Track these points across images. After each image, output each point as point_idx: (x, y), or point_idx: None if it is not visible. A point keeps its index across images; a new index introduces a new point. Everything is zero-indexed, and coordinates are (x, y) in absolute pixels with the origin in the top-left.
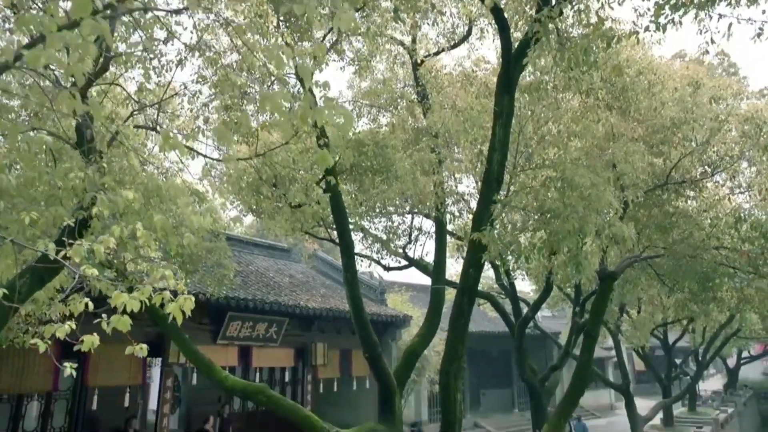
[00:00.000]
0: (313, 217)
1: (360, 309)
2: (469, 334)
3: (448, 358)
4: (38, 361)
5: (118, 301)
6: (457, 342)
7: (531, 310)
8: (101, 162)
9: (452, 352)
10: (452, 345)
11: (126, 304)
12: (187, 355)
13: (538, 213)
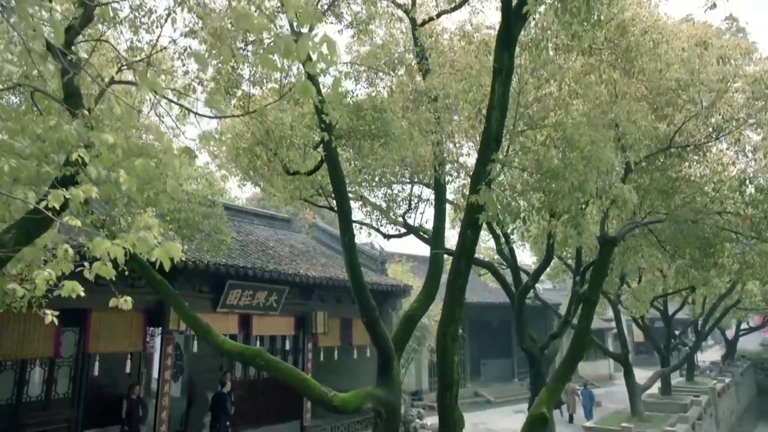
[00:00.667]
0: (311, 185)
1: (357, 274)
2: (469, 305)
3: (445, 320)
4: (40, 328)
5: (100, 248)
6: (455, 305)
7: (531, 279)
8: (89, 116)
9: (450, 314)
10: (450, 308)
11: (116, 257)
12: (184, 319)
13: (537, 173)
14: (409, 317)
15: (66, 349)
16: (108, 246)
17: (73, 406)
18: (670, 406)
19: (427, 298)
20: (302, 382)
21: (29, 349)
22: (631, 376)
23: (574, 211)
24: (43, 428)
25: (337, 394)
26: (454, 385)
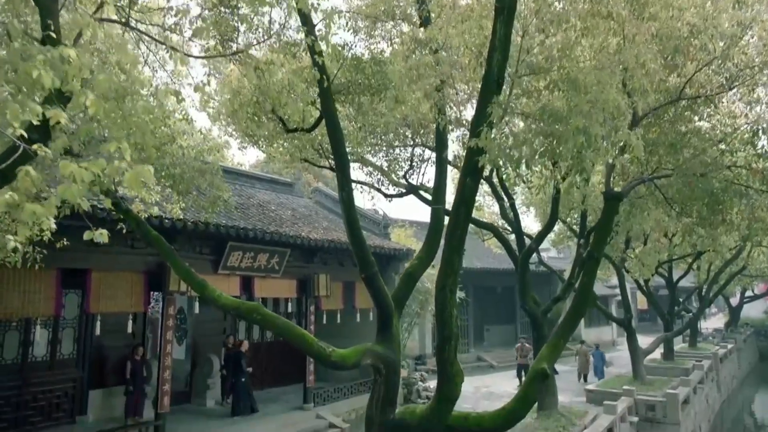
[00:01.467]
0: (311, 143)
1: (356, 228)
2: (473, 271)
3: (444, 272)
4: (41, 287)
5: (66, 170)
6: (454, 255)
7: (535, 241)
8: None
9: (449, 266)
10: (449, 259)
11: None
12: (180, 274)
13: (540, 118)
14: (409, 274)
15: (69, 310)
16: (75, 169)
17: (77, 367)
18: (672, 371)
19: (427, 256)
20: (300, 337)
21: (31, 308)
22: (634, 341)
23: (577, 156)
24: (50, 387)
25: (335, 350)
26: (453, 339)
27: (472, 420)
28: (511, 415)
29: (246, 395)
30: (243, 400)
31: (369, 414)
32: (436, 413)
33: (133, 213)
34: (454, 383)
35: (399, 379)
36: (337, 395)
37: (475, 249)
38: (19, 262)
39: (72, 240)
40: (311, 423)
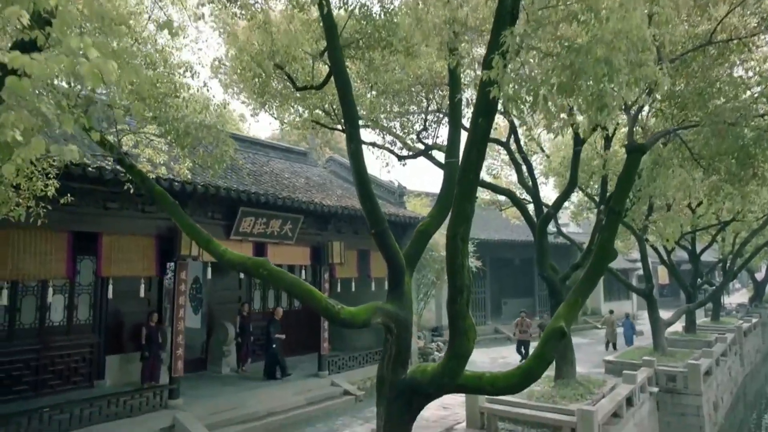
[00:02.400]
0: (321, 104)
1: (365, 182)
2: (490, 243)
3: (455, 219)
4: (53, 248)
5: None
6: (466, 201)
7: (553, 206)
8: None
9: (461, 212)
10: (460, 204)
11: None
12: (184, 228)
13: (557, 51)
14: (421, 232)
15: (85, 276)
16: (26, 61)
17: (94, 332)
18: (693, 343)
19: (440, 213)
20: (308, 293)
21: (43, 270)
22: (655, 311)
23: (598, 93)
24: (67, 352)
25: (344, 308)
26: (465, 291)
27: (486, 379)
28: (527, 374)
29: (274, 361)
30: (271, 366)
31: (380, 374)
32: (448, 370)
33: (138, 169)
34: (467, 338)
35: (411, 338)
36: (352, 363)
37: (493, 221)
38: (23, 216)
39: (83, 203)
40: (326, 390)
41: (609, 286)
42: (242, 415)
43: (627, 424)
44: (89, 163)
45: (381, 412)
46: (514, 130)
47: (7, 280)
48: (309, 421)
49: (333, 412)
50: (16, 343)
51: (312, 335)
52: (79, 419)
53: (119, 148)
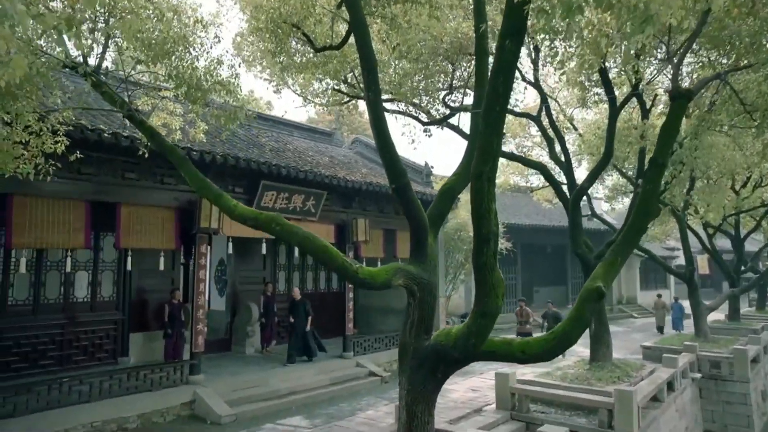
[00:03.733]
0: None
1: (384, 132)
2: (521, 228)
3: (481, 157)
4: (70, 218)
5: None
6: (492, 136)
7: (587, 179)
8: None
9: (486, 148)
10: (486, 140)
11: None
12: (194, 182)
13: None
14: (446, 190)
15: (108, 253)
16: None
17: (118, 309)
18: (737, 331)
19: (466, 170)
20: (322, 249)
21: (61, 239)
22: (696, 296)
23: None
24: (92, 328)
25: (362, 267)
26: (492, 240)
27: (516, 345)
28: (562, 338)
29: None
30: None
31: (402, 341)
32: (476, 330)
33: (148, 124)
34: (495, 294)
35: (435, 302)
36: (378, 345)
37: (524, 206)
38: (31, 174)
39: (101, 173)
40: (350, 370)
41: (645, 274)
42: (264, 392)
43: (668, 409)
44: (105, 129)
45: (403, 382)
46: (545, 102)
47: (26, 248)
48: (332, 401)
49: (357, 392)
50: (42, 318)
51: (337, 319)
52: (99, 391)
53: (129, 104)
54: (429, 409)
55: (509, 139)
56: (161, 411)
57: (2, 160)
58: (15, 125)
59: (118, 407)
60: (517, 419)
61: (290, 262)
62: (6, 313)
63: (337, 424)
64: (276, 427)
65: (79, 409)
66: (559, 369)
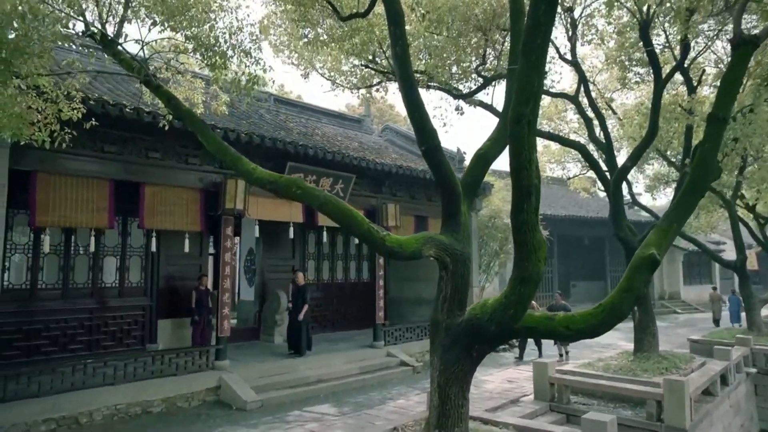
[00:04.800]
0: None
1: (412, 87)
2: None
3: (520, 97)
4: (93, 197)
5: None
6: (532, 73)
7: (630, 158)
8: None
9: (526, 86)
10: (526, 78)
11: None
12: (211, 146)
13: None
14: (480, 156)
15: (135, 239)
16: None
17: (146, 296)
18: None
19: (502, 135)
20: (346, 212)
21: (84, 218)
22: (748, 286)
23: None
24: (120, 314)
25: (390, 234)
26: (534, 194)
27: (559, 320)
28: (610, 311)
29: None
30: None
31: (434, 318)
32: (514, 300)
33: (165, 89)
34: (536, 258)
35: (469, 275)
36: (409, 335)
37: (561, 198)
38: (47, 142)
39: (125, 151)
40: (381, 360)
41: (689, 268)
42: (291, 379)
43: (721, 404)
44: (126, 104)
45: (435, 362)
46: (584, 81)
47: (49, 227)
48: (362, 389)
49: (388, 381)
50: (71, 302)
51: (367, 310)
52: (123, 374)
53: (147, 69)
54: (463, 392)
55: (544, 123)
56: (186, 396)
57: (16, 125)
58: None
59: (142, 391)
60: (557, 411)
61: (320, 250)
62: (36, 296)
63: (367, 412)
64: (303, 414)
65: (103, 391)
66: (601, 360)
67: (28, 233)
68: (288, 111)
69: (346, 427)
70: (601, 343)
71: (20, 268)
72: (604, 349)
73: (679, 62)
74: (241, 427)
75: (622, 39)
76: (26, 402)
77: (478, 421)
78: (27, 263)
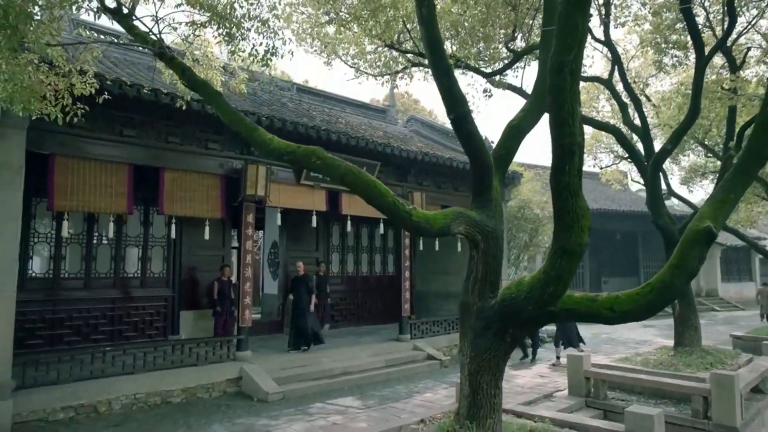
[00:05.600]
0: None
1: (439, 50)
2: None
3: (562, 43)
4: (113, 181)
5: None
6: (576, 13)
7: (670, 140)
8: None
9: (569, 29)
10: (568, 20)
11: None
12: (226, 116)
13: None
14: (513, 126)
15: (157, 228)
16: None
17: (168, 287)
18: None
19: (535, 106)
20: (370, 184)
21: (103, 203)
22: None
23: None
24: (142, 304)
25: (417, 209)
26: (577, 152)
27: (602, 301)
28: (660, 291)
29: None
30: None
31: (464, 300)
32: (554, 276)
33: (178, 60)
34: (579, 227)
35: (502, 254)
36: (437, 329)
37: (591, 191)
38: (59, 118)
39: (143, 135)
40: (407, 353)
41: (726, 265)
42: (315, 371)
43: None
44: (144, 85)
45: (465, 348)
46: (618, 62)
47: (68, 211)
48: (387, 383)
49: (414, 375)
50: (93, 291)
51: (393, 304)
52: (143, 363)
53: (161, 42)
54: (496, 381)
55: None
56: (206, 386)
57: (26, 98)
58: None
59: (162, 380)
60: (593, 407)
61: (344, 242)
62: (59, 285)
63: (392, 405)
64: (326, 406)
65: (122, 380)
66: (638, 355)
67: (51, 221)
68: (311, 100)
69: (370, 420)
70: (635, 340)
71: (44, 257)
72: (639, 346)
73: (725, 34)
74: (261, 418)
75: (658, 20)
76: (45, 389)
77: (510, 414)
78: (50, 252)
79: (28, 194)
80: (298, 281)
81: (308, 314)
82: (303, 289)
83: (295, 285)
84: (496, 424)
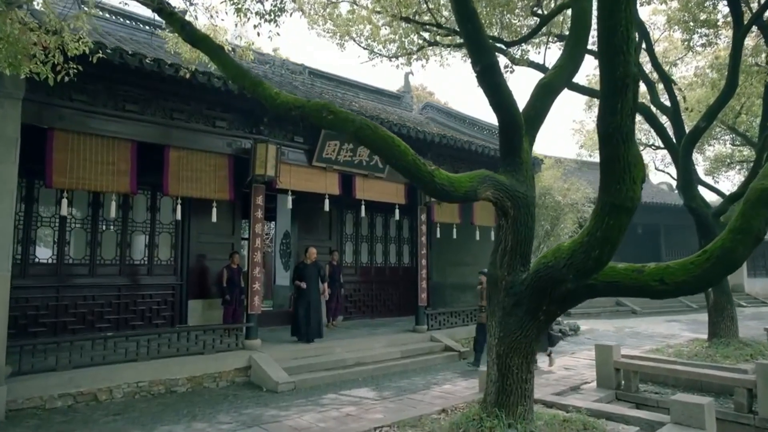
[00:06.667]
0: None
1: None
2: None
3: None
4: (115, 159)
5: None
6: None
7: (704, 118)
8: None
9: None
10: None
11: None
12: (228, 70)
13: None
14: (544, 85)
15: (165, 215)
16: None
17: (176, 275)
18: None
19: (568, 63)
20: (387, 139)
21: (105, 181)
22: None
23: None
24: (149, 292)
25: (440, 170)
26: (631, 86)
27: (650, 272)
28: (720, 259)
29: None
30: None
31: (492, 274)
32: (600, 238)
33: (178, 15)
34: (631, 178)
35: (534, 223)
36: (455, 320)
37: None
38: (50, 78)
39: (148, 112)
40: (424, 344)
41: (752, 259)
42: (327, 362)
43: None
44: (146, 54)
45: (493, 327)
46: (646, 38)
47: (67, 189)
48: (403, 374)
49: (432, 366)
50: (98, 279)
51: (408, 296)
52: (147, 350)
53: None
54: (527, 364)
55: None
56: (213, 375)
57: (14, 56)
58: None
59: (166, 368)
60: (624, 399)
61: (358, 231)
62: (63, 271)
63: (409, 396)
64: (339, 397)
65: (124, 368)
66: (670, 347)
67: (55, 206)
68: (324, 85)
69: (387, 411)
70: (662, 334)
71: (47, 243)
72: (666, 340)
73: (761, 8)
74: (270, 408)
75: None
76: (42, 375)
77: (539, 403)
78: (54, 237)
79: (31, 177)
80: (309, 268)
81: (318, 305)
82: (314, 278)
83: (304, 272)
84: (527, 412)
